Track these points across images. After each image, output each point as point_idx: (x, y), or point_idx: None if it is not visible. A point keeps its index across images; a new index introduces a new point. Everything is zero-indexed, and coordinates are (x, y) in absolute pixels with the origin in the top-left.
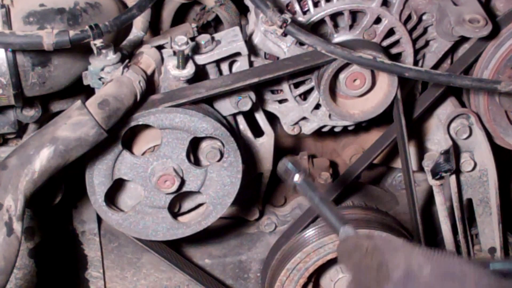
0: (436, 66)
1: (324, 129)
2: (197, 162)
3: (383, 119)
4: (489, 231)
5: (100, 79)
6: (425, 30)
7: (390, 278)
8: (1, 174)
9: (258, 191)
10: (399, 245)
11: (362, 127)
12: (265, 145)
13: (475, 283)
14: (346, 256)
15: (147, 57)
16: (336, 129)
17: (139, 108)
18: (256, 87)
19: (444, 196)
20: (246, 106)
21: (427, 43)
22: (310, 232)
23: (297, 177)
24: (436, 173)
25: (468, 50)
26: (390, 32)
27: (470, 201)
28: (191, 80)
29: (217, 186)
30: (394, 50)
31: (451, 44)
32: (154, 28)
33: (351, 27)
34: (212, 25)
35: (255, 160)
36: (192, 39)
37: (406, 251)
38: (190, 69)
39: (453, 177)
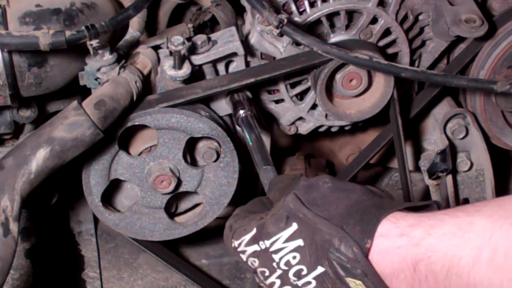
0: (432, 66)
1: (321, 129)
2: (193, 163)
3: (379, 119)
4: None
5: (96, 79)
6: (421, 30)
7: (297, 185)
8: None
9: (255, 191)
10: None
11: (358, 127)
12: None
13: (361, 192)
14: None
15: (143, 57)
16: (333, 129)
17: (136, 108)
18: (253, 87)
19: (440, 196)
20: None
21: (423, 43)
22: None
23: (242, 112)
24: (432, 173)
25: (464, 50)
26: (387, 32)
27: (466, 200)
28: (188, 80)
29: (214, 186)
30: (390, 50)
31: (447, 44)
32: (151, 28)
33: (347, 27)
34: (209, 25)
35: (251, 160)
36: (189, 39)
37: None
38: (186, 69)
39: (450, 177)
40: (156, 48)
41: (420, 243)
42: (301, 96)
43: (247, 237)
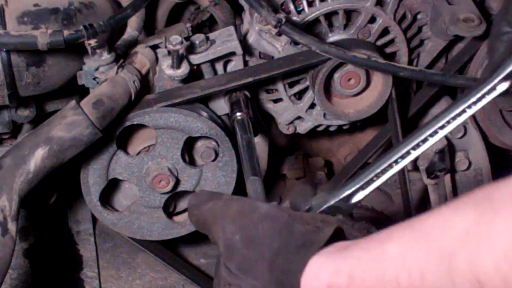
0: (430, 65)
1: (319, 129)
2: (192, 162)
3: (378, 118)
4: None
5: (94, 79)
6: (419, 29)
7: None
8: None
9: None
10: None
11: (357, 126)
12: (260, 144)
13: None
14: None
15: (141, 56)
16: (331, 129)
17: (134, 107)
18: (251, 86)
19: (439, 195)
20: None
21: (421, 42)
22: None
23: (239, 114)
24: (431, 172)
25: (463, 49)
26: (385, 31)
27: None
28: (186, 80)
29: (212, 185)
30: (388, 50)
31: (445, 43)
32: (149, 27)
33: (345, 26)
34: (207, 25)
35: None
36: (187, 38)
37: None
38: (184, 69)
39: (448, 176)
40: (154, 47)
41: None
42: (299, 95)
43: None
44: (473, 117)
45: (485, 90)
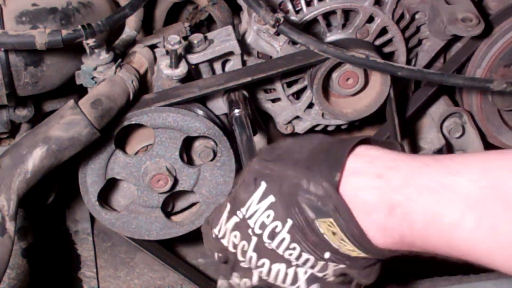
0: (429, 65)
1: (317, 128)
2: (190, 162)
3: (376, 118)
4: None
5: (92, 78)
6: (417, 29)
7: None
8: None
9: None
10: None
11: (355, 126)
12: (258, 144)
13: (322, 136)
14: None
15: (140, 56)
16: (329, 128)
17: (132, 107)
18: (249, 86)
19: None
20: None
21: (419, 42)
22: None
23: (237, 111)
24: None
25: (461, 49)
26: (383, 31)
27: None
28: (184, 80)
29: (211, 185)
30: (387, 49)
31: (443, 43)
32: (147, 27)
33: (343, 26)
34: (205, 24)
35: None
36: (185, 38)
37: None
38: (183, 68)
39: None
40: (152, 47)
41: (399, 190)
42: (297, 95)
43: (224, 215)
44: (472, 116)
45: None
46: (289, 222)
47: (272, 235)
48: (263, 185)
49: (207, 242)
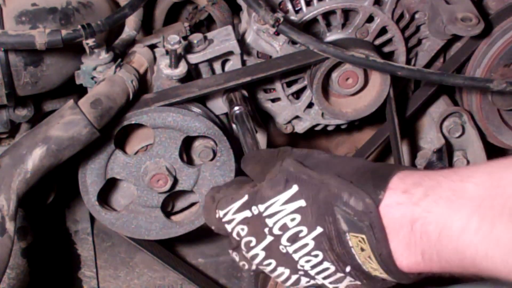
0: (428, 64)
1: (317, 128)
2: (190, 161)
3: (376, 117)
4: None
5: (92, 78)
6: (417, 29)
7: (291, 154)
8: None
9: None
10: None
11: (355, 126)
12: None
13: (362, 159)
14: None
15: (139, 56)
16: (329, 128)
17: (132, 107)
18: (249, 86)
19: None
20: None
21: (419, 42)
22: None
23: (237, 108)
24: None
25: (461, 49)
26: (383, 30)
27: None
28: (184, 79)
29: (210, 185)
30: (386, 49)
31: (443, 42)
32: (147, 27)
33: (343, 26)
34: (205, 24)
35: None
36: (185, 38)
37: None
38: (182, 68)
39: None
40: (152, 47)
41: (418, 203)
42: (297, 94)
43: (236, 204)
44: (471, 116)
45: None
46: (318, 229)
47: (294, 238)
48: (295, 188)
49: (208, 216)
